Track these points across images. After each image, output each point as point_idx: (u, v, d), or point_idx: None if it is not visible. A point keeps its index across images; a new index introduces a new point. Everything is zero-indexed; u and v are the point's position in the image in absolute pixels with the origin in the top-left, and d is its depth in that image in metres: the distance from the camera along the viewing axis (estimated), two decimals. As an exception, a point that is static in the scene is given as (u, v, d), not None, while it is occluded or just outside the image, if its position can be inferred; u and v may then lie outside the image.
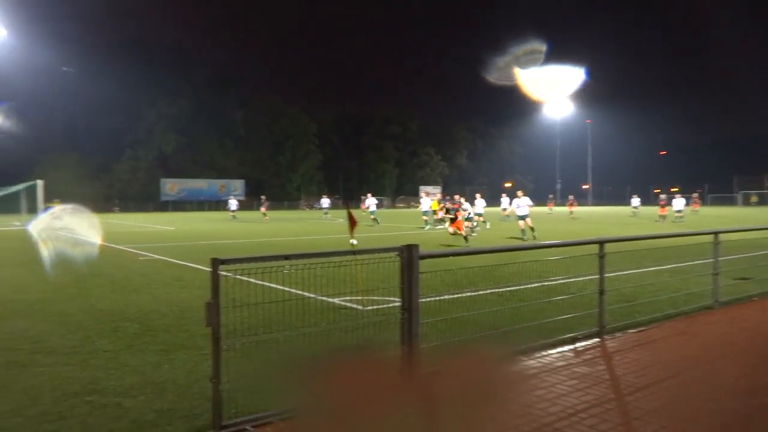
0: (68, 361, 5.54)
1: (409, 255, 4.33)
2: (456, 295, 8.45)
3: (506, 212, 32.74)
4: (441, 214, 29.85)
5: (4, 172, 55.12)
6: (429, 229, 27.17)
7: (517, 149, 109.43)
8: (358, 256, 5.00)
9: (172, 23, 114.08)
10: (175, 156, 76.84)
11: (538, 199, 76.52)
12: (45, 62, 65.14)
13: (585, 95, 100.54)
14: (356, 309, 7.83)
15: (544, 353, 5.45)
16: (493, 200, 41.27)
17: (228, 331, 3.88)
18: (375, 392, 4.38)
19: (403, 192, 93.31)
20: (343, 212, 52.06)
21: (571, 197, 45.70)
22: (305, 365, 4.31)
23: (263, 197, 45.65)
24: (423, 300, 4.75)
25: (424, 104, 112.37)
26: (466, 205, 23.56)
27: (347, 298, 8.10)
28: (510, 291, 9.16)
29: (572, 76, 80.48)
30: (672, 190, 65.30)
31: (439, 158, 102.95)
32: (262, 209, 42.55)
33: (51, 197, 35.86)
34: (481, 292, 8.90)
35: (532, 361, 5.21)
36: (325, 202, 47.52)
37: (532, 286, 9.53)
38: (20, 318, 7.51)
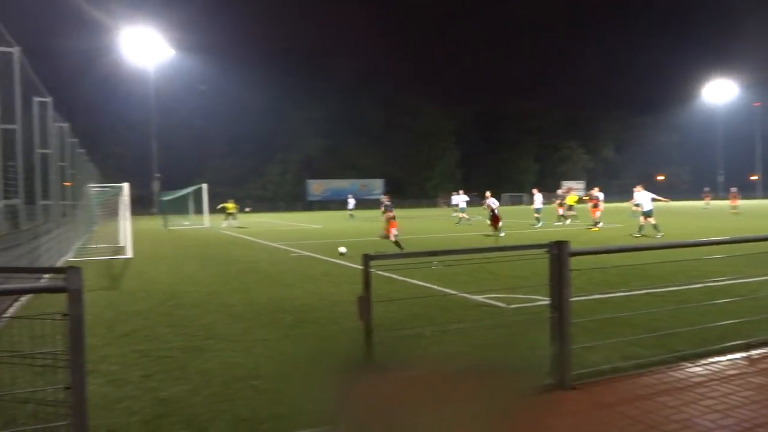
0: (234, 348, 6.07)
1: (559, 252, 4.18)
2: (608, 295, 8.01)
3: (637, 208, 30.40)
4: (561, 211, 28.53)
5: (174, 177, 61.78)
6: (541, 226, 26.11)
7: (671, 139, 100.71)
8: (502, 254, 4.92)
9: (319, 31, 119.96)
10: (319, 157, 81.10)
11: (693, 193, 69.69)
12: (206, 75, 71.93)
13: (751, 75, 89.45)
14: (499, 307, 7.72)
15: (712, 360, 4.98)
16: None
17: (377, 324, 4.01)
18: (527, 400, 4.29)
19: (544, 188, 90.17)
20: (477, 210, 51.38)
21: (733, 190, 40.87)
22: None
23: (383, 196, 46.53)
24: (573, 299, 4.57)
25: (566, 95, 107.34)
26: (491, 201, 22.19)
27: (490, 295, 8.01)
28: (668, 291, 8.49)
29: (734, 54, 72.53)
30: None
31: (583, 151, 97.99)
32: (383, 208, 43.62)
33: (216, 200, 39.35)
34: (635, 292, 8.36)
35: (697, 368, 4.79)
36: (455, 199, 47.29)
37: (694, 286, 8.77)
38: (194, 308, 8.36)
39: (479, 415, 3.43)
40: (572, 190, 32.23)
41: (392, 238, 15.72)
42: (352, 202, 43.62)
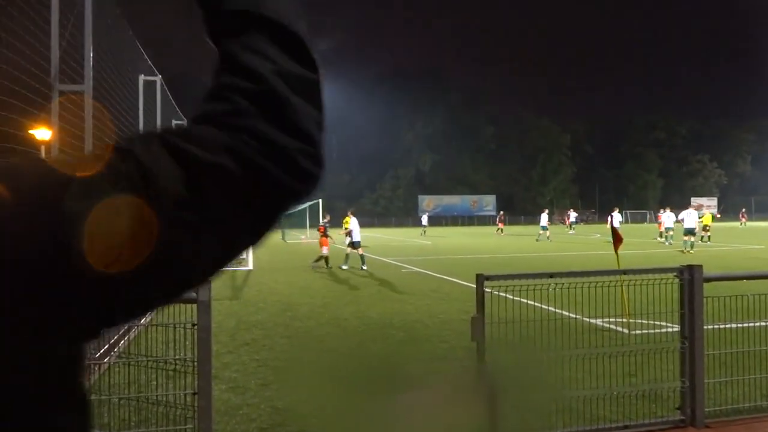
0: (346, 362, 6.21)
1: (690, 277, 3.86)
2: (746, 324, 7.28)
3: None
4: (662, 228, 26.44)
5: (292, 192, 64.78)
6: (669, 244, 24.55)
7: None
8: (627, 277, 4.64)
9: (429, 49, 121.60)
10: (430, 173, 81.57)
11: None
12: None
13: None
14: (621, 333, 7.26)
15: None
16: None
17: (489, 345, 3.90)
18: None
19: (670, 205, 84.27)
20: (595, 228, 49.06)
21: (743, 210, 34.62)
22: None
23: (501, 213, 47.09)
24: (706, 328, 4.20)
25: (695, 105, 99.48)
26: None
27: (610, 319, 7.56)
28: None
29: None
30: None
31: (715, 165, 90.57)
32: (500, 225, 44.24)
33: (332, 214, 40.70)
34: (779, 323, 7.53)
35: None
36: (572, 216, 46.00)
37: None
38: (309, 320, 8.65)
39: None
40: (703, 207, 29.65)
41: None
42: (425, 219, 47.36)
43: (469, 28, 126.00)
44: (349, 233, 17.86)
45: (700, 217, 28.07)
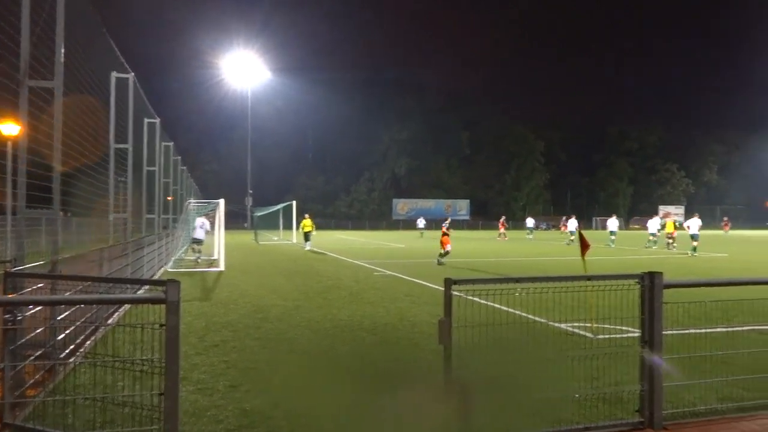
0: (316, 364, 6.23)
1: (651, 283, 3.99)
2: (705, 330, 7.50)
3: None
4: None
5: (266, 193, 64.39)
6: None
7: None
8: (591, 282, 4.75)
9: (406, 53, 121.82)
10: (405, 177, 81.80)
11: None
12: (300, 97, 74.79)
13: None
14: (586, 337, 7.43)
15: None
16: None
17: (457, 348, 3.97)
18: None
19: (639, 212, 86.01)
20: (555, 234, 49.79)
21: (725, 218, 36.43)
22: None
23: (503, 218, 47.17)
24: (665, 333, 4.34)
25: (664, 115, 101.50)
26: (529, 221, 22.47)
27: (576, 324, 7.72)
28: (776, 330, 7.81)
29: None
30: None
31: (683, 174, 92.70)
32: (502, 229, 43.99)
33: (303, 215, 40.55)
34: (737, 329, 7.77)
35: (808, 417, 4.38)
36: (530, 222, 47.13)
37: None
38: (279, 322, 8.64)
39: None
40: (671, 215, 30.45)
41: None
42: (422, 222, 49.12)
43: (446, 33, 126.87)
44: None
45: (663, 225, 29.31)
